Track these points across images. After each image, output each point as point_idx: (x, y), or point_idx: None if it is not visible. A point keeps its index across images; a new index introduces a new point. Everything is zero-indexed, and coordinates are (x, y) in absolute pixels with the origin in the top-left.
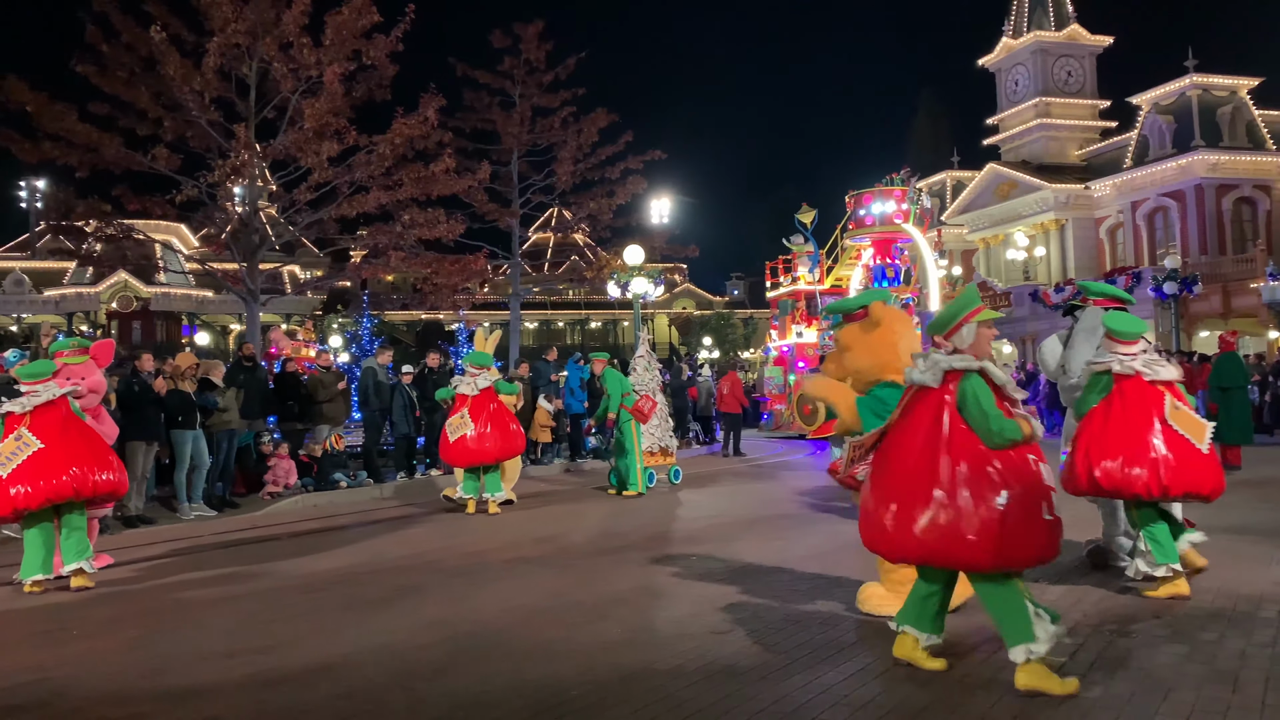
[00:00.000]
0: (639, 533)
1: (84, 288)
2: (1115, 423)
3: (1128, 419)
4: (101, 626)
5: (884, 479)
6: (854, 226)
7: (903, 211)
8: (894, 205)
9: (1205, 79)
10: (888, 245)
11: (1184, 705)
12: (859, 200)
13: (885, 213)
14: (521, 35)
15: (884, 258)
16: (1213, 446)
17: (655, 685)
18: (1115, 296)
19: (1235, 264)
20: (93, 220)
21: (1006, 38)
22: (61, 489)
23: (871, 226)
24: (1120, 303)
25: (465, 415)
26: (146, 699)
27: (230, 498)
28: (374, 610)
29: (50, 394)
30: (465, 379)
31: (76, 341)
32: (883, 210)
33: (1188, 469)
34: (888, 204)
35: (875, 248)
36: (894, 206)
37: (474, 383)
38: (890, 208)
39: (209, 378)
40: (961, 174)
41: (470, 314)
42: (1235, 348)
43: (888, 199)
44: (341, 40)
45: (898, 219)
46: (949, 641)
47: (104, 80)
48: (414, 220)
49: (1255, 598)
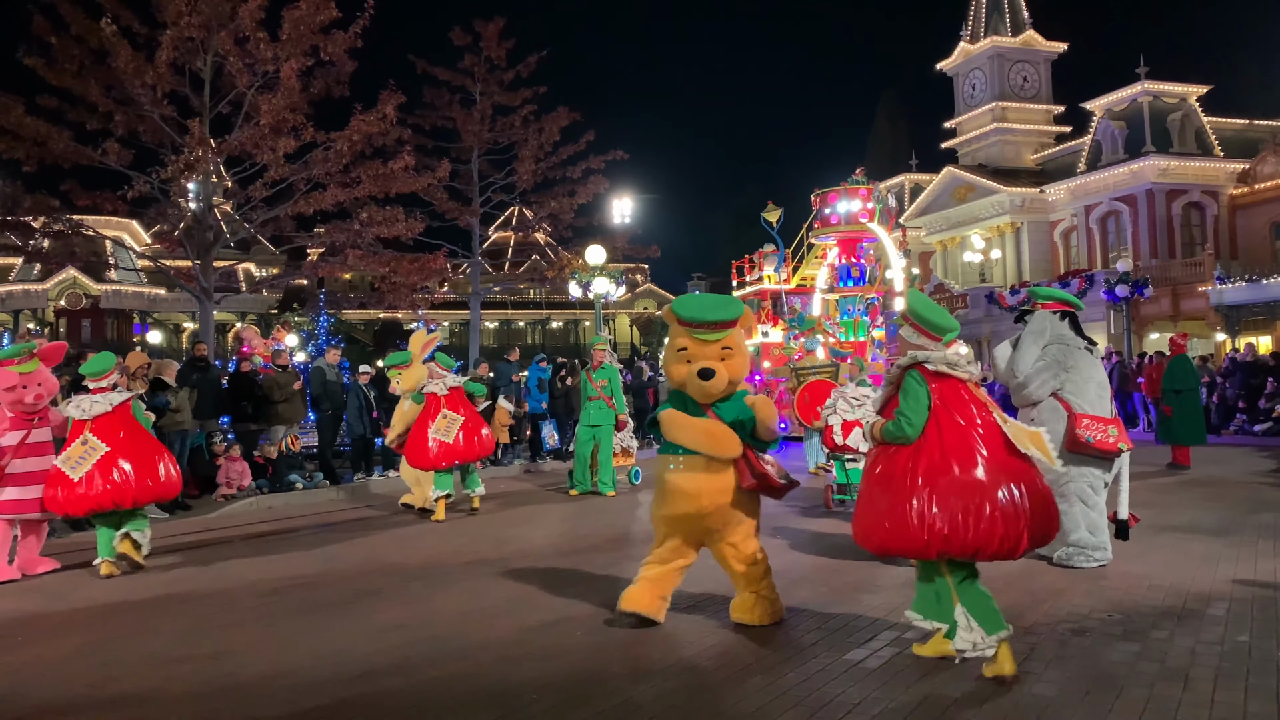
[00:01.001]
0: (600, 535)
1: (31, 284)
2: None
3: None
4: (48, 633)
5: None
6: (820, 225)
7: (868, 210)
8: (859, 204)
9: (1156, 86)
10: (853, 244)
11: (1137, 703)
12: (824, 199)
13: (851, 212)
14: (482, 33)
15: (849, 257)
16: None
17: (615, 688)
18: (1064, 300)
19: (1184, 268)
20: (40, 216)
21: (964, 43)
22: (125, 492)
23: (837, 225)
24: (1069, 306)
25: (450, 415)
26: (95, 707)
27: (182, 499)
28: (330, 614)
29: (110, 403)
30: (434, 380)
31: (24, 348)
32: (848, 209)
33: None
34: (853, 203)
35: (840, 247)
36: (859, 205)
37: (443, 383)
38: (856, 207)
39: (161, 377)
40: (920, 177)
41: (429, 313)
42: (1186, 350)
43: (853, 198)
44: (299, 35)
45: (863, 218)
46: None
47: (52, 73)
48: (372, 218)
49: (1205, 596)
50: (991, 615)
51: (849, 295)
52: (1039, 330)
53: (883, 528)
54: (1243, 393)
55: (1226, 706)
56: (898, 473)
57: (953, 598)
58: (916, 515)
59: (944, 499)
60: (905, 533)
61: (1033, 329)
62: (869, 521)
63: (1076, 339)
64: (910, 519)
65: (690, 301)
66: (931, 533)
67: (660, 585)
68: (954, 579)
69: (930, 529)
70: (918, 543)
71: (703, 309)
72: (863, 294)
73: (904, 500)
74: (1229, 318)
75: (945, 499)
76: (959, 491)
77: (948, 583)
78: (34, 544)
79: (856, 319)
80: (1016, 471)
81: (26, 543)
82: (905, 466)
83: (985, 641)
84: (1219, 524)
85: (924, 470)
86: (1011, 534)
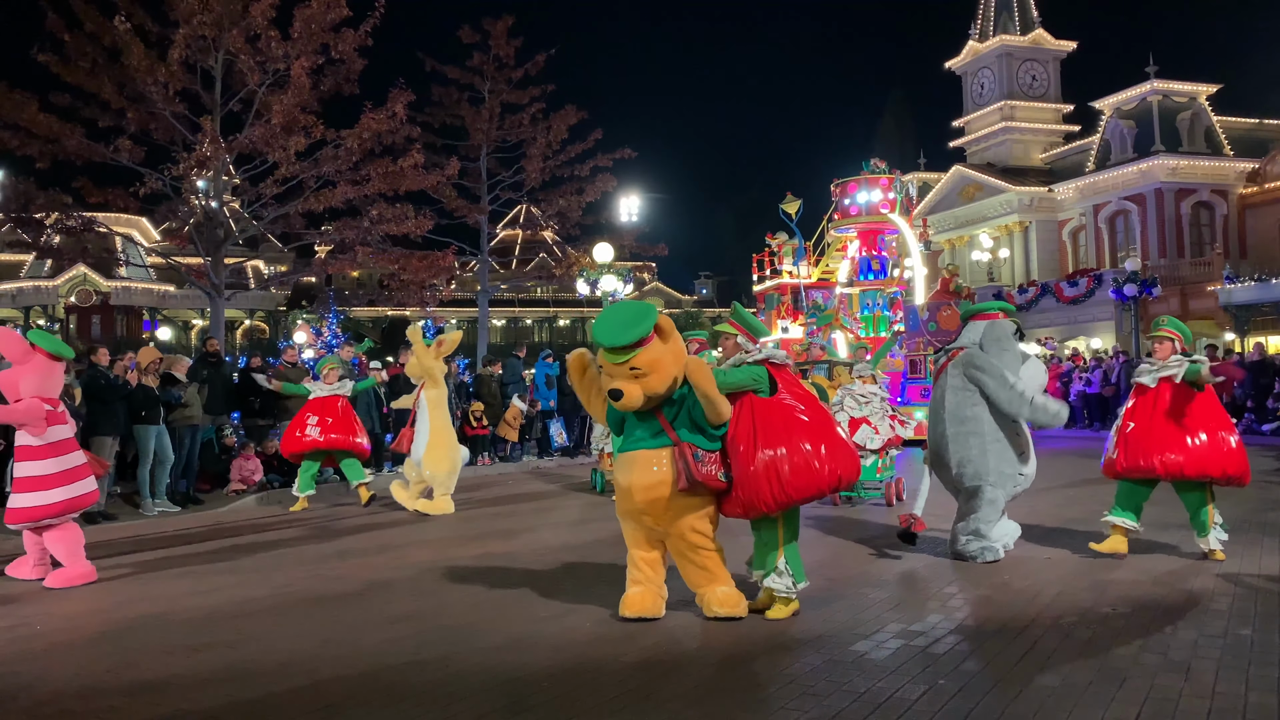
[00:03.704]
0: (608, 530)
1: (42, 281)
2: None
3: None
4: (66, 623)
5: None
6: (839, 217)
7: (889, 201)
8: (880, 194)
9: (1166, 85)
10: (874, 236)
11: (1138, 693)
12: (844, 189)
13: (871, 202)
14: (490, 31)
15: (870, 250)
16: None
17: (624, 677)
18: (1000, 310)
19: (1193, 267)
20: (53, 212)
21: (973, 41)
22: (331, 444)
23: (857, 216)
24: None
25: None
26: (115, 693)
27: (194, 493)
28: (342, 605)
29: (344, 390)
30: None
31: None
32: (868, 199)
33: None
34: (874, 193)
35: (861, 239)
36: (880, 195)
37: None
38: (876, 197)
39: (172, 372)
40: (927, 175)
41: (437, 311)
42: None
43: (873, 188)
44: (310, 33)
45: (884, 208)
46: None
47: (65, 70)
48: (381, 215)
49: (1208, 591)
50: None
51: (869, 289)
52: (997, 338)
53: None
54: (1251, 392)
55: (1228, 697)
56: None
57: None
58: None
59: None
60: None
61: (992, 337)
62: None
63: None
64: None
65: (601, 320)
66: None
67: (652, 583)
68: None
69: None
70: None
71: (604, 331)
72: (883, 287)
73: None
74: (1238, 317)
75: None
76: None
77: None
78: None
79: (877, 313)
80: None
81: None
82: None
83: (794, 588)
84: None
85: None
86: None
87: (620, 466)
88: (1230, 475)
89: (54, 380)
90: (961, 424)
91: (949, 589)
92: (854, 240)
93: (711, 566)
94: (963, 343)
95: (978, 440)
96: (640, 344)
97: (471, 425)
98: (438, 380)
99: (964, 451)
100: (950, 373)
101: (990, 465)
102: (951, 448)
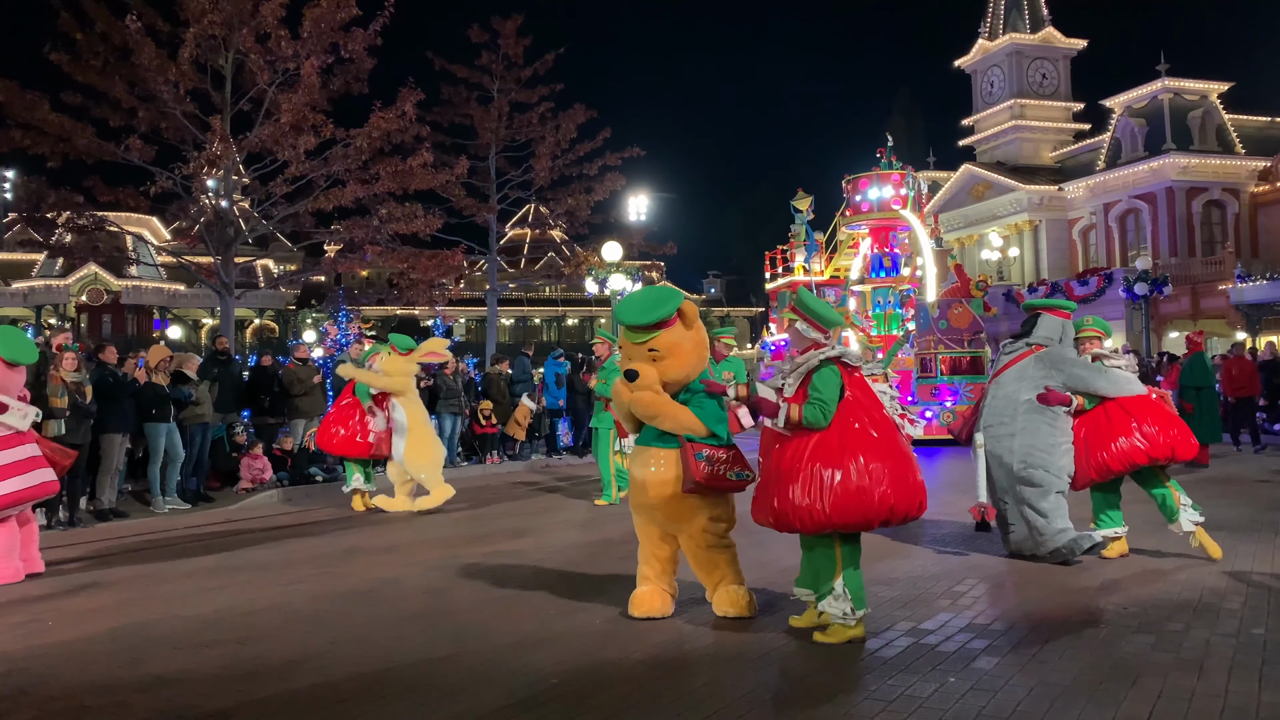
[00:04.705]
0: (616, 529)
1: (53, 280)
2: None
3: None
4: (78, 618)
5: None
6: (850, 213)
7: (901, 197)
8: (891, 190)
9: (1177, 83)
10: (885, 233)
11: (1151, 692)
12: (855, 185)
13: (883, 198)
14: (500, 30)
15: (881, 246)
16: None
17: (634, 675)
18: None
19: (1204, 266)
20: (64, 211)
21: (983, 39)
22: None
23: (869, 213)
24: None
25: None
26: (127, 688)
27: (204, 491)
28: (352, 602)
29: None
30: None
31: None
32: (880, 196)
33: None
34: (885, 189)
35: (872, 236)
36: (892, 192)
37: None
38: (888, 193)
39: (182, 370)
40: (937, 174)
41: (446, 309)
42: (1203, 348)
43: (885, 183)
44: (319, 33)
45: (895, 205)
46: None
47: (77, 69)
48: (391, 214)
49: (1221, 590)
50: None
51: (881, 286)
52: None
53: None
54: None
55: (1240, 695)
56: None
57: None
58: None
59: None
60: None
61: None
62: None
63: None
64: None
65: (626, 300)
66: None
67: (661, 581)
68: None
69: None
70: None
71: (627, 310)
72: (895, 285)
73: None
74: (1250, 316)
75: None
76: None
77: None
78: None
79: (889, 311)
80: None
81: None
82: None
83: (853, 615)
84: (1236, 520)
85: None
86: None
87: (635, 460)
88: (1178, 456)
89: (11, 385)
90: (1040, 413)
91: (958, 587)
92: (865, 237)
93: (723, 565)
94: (1038, 339)
95: (1049, 431)
96: (661, 325)
97: (480, 423)
98: (408, 387)
99: (1033, 440)
100: (1031, 365)
101: (1058, 462)
102: (1019, 440)
